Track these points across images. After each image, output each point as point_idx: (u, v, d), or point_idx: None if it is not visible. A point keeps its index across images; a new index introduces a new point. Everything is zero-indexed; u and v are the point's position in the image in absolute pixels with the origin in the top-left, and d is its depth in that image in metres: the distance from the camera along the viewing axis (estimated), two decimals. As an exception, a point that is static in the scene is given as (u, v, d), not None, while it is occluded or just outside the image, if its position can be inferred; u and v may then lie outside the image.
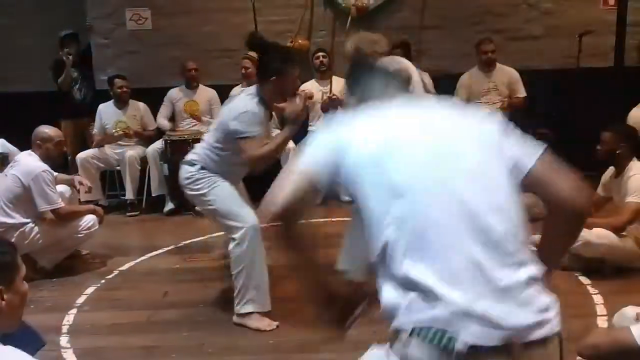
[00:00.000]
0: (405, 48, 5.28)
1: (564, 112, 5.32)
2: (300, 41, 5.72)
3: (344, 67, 5.43)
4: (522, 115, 4.98)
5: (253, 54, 5.20)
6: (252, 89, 3.13)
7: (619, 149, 3.59)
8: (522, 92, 5.31)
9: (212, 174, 3.10)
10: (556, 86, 5.43)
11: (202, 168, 3.11)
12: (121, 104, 5.49)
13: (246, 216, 3.06)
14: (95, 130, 5.51)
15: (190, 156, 3.21)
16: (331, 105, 5.28)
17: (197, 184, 3.11)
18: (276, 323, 3.10)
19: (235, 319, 3.13)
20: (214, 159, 3.10)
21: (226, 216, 3.09)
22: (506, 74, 5.32)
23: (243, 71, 5.37)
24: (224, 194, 3.09)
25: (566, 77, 5.49)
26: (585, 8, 5.68)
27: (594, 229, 3.46)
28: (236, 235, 3.03)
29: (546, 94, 5.34)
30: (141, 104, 5.60)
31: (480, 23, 5.71)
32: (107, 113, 5.49)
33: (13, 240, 3.67)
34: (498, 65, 5.33)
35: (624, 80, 5.27)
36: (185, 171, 3.16)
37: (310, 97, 5.30)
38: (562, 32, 5.65)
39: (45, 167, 3.80)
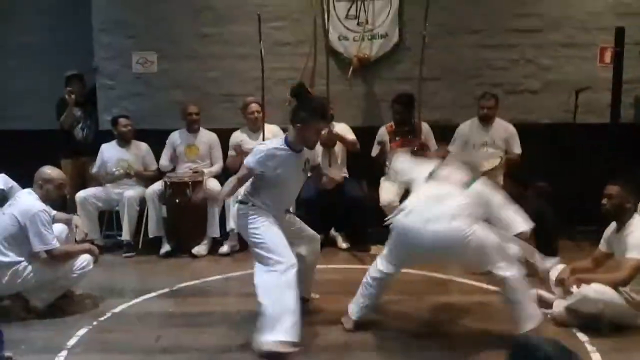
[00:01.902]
0: (409, 100, 5.37)
1: (561, 166, 5.38)
2: (302, 88, 5.82)
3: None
4: (519, 169, 5.03)
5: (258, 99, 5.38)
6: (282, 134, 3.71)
7: (628, 203, 3.61)
8: (517, 149, 5.36)
9: (259, 210, 3.43)
10: (553, 140, 5.50)
11: (252, 205, 3.44)
12: (124, 142, 5.54)
13: (288, 254, 3.32)
14: (95, 169, 5.53)
15: (240, 196, 3.59)
16: (329, 139, 5.33)
17: (247, 219, 3.43)
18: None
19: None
20: (254, 193, 3.47)
21: (271, 251, 3.31)
22: (503, 129, 5.39)
23: (255, 115, 5.42)
24: (272, 231, 3.38)
25: (563, 131, 5.58)
26: (582, 65, 5.81)
27: (593, 284, 3.45)
28: (276, 267, 3.26)
29: (544, 148, 5.41)
30: (143, 144, 5.65)
31: (480, 76, 5.84)
32: (109, 152, 5.53)
33: (6, 279, 3.67)
34: (497, 119, 5.41)
35: (620, 136, 5.34)
36: (237, 208, 3.53)
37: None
38: (560, 88, 5.77)
39: (43, 206, 3.80)
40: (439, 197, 3.31)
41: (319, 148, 3.71)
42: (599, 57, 5.83)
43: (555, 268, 3.96)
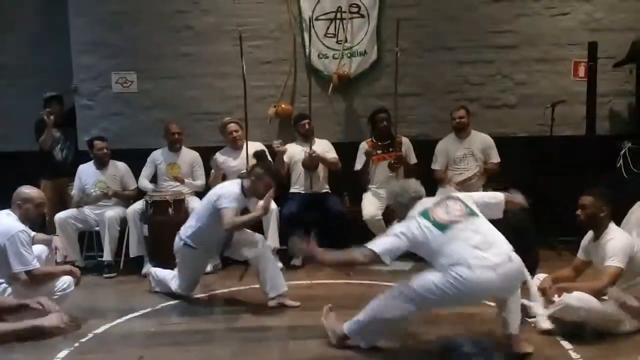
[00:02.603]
0: (387, 112, 5.44)
1: (539, 178, 5.46)
2: (283, 106, 5.86)
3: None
4: (496, 181, 5.11)
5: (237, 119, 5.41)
6: (237, 180, 4.33)
7: (602, 213, 3.67)
8: (496, 158, 5.46)
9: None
10: (530, 153, 5.60)
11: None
12: (101, 164, 5.49)
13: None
14: (74, 191, 5.47)
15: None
16: (312, 161, 5.35)
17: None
18: None
19: None
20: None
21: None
22: (480, 140, 5.48)
23: (234, 135, 5.43)
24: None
25: (540, 144, 5.68)
26: (556, 79, 5.95)
27: (574, 293, 3.49)
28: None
29: (520, 161, 5.50)
30: (121, 164, 5.60)
31: (457, 91, 5.94)
32: (86, 173, 5.47)
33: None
34: (473, 131, 5.51)
35: (595, 148, 5.46)
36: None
37: (284, 151, 5.34)
38: (535, 102, 5.90)
39: (23, 227, 3.75)
40: (482, 236, 3.22)
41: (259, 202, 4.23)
42: (573, 72, 5.97)
43: (537, 277, 4.01)
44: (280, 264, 5.17)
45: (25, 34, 6.25)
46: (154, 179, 5.63)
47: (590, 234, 3.82)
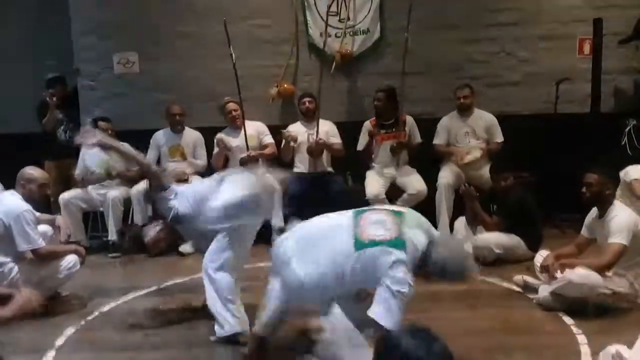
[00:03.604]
0: (390, 93, 5.40)
1: (543, 157, 5.44)
2: (285, 85, 5.83)
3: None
4: (501, 160, 5.09)
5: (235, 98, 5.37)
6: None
7: (607, 190, 3.66)
8: (499, 137, 5.43)
9: None
10: (535, 131, 5.57)
11: None
12: (105, 146, 5.49)
13: None
14: (77, 171, 5.49)
15: None
16: (317, 148, 5.35)
17: None
18: None
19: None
20: None
21: None
22: (484, 118, 5.45)
23: (233, 114, 5.41)
24: None
25: (544, 122, 5.64)
26: (561, 56, 5.89)
27: (577, 269, 3.50)
28: None
29: (525, 139, 5.47)
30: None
31: (461, 70, 5.89)
32: (90, 154, 5.46)
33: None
34: (476, 110, 5.48)
35: (600, 126, 5.42)
36: None
37: (295, 139, 5.37)
38: (540, 80, 5.85)
39: (27, 206, 3.77)
40: None
41: None
42: (577, 49, 5.91)
43: (540, 254, 4.02)
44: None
45: (26, 15, 6.23)
46: (157, 161, 5.62)
47: (594, 211, 3.81)
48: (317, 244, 2.77)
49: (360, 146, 5.51)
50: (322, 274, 2.70)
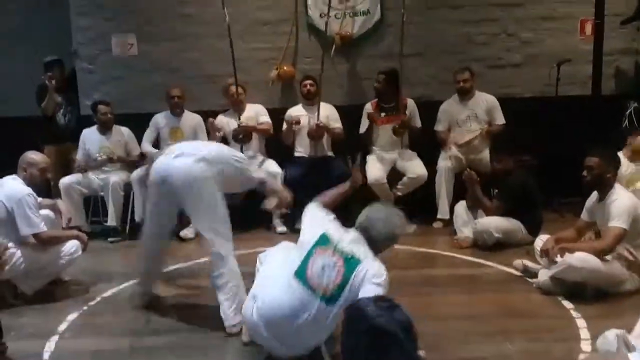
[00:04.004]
0: (391, 76, 5.35)
1: (543, 139, 5.43)
2: (285, 68, 5.79)
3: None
4: (502, 142, 5.08)
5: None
6: None
7: (608, 174, 3.66)
8: (500, 120, 5.40)
9: None
10: (536, 113, 5.55)
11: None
12: (105, 129, 5.49)
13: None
14: (78, 156, 5.48)
15: None
16: (318, 132, 5.33)
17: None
18: None
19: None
20: None
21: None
22: (485, 101, 5.41)
23: (235, 97, 5.38)
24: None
25: (545, 104, 5.62)
26: (562, 38, 5.84)
27: (576, 253, 3.51)
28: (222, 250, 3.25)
29: (526, 121, 5.45)
30: (125, 130, 5.59)
31: (461, 52, 5.84)
32: (91, 138, 5.47)
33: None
34: (477, 92, 5.44)
35: (601, 108, 5.40)
36: None
37: (298, 122, 5.34)
38: (541, 61, 5.81)
39: (29, 190, 3.77)
40: None
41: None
42: (579, 30, 5.86)
43: (540, 238, 4.03)
44: (284, 228, 5.23)
45: (24, -2, 6.17)
46: (156, 144, 5.61)
47: (594, 194, 3.81)
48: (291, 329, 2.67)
49: (362, 128, 5.49)
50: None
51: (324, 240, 2.78)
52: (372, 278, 2.57)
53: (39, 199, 3.96)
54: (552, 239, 3.83)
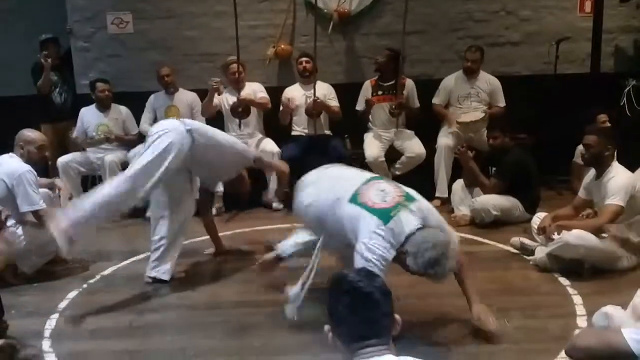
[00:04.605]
0: (394, 56, 5.30)
1: (541, 118, 5.42)
2: (282, 46, 5.74)
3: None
4: (499, 120, 5.07)
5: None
6: None
7: (606, 151, 3.66)
8: (501, 102, 5.38)
9: None
10: (534, 92, 5.53)
11: None
12: (103, 107, 5.46)
13: None
14: (75, 134, 5.46)
15: None
16: (316, 107, 5.31)
17: None
18: None
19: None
20: None
21: None
22: (488, 82, 5.38)
23: (235, 75, 5.35)
24: None
25: (543, 83, 5.60)
26: (562, 15, 5.80)
27: (573, 231, 3.53)
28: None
29: (524, 100, 5.44)
30: (123, 108, 5.56)
31: (461, 29, 5.80)
32: (89, 116, 5.45)
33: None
34: (482, 72, 5.40)
35: (600, 86, 5.38)
36: None
37: (293, 107, 5.29)
38: (540, 39, 5.77)
39: (29, 167, 3.77)
40: None
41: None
42: (579, 7, 5.82)
43: (537, 216, 4.05)
44: (281, 205, 5.23)
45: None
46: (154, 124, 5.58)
47: (592, 172, 3.82)
48: (329, 182, 3.04)
49: (359, 106, 5.47)
50: (318, 210, 2.96)
51: (377, 177, 3.00)
52: (367, 248, 2.61)
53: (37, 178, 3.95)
54: (549, 216, 3.85)
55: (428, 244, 2.56)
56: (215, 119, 5.25)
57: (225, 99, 5.42)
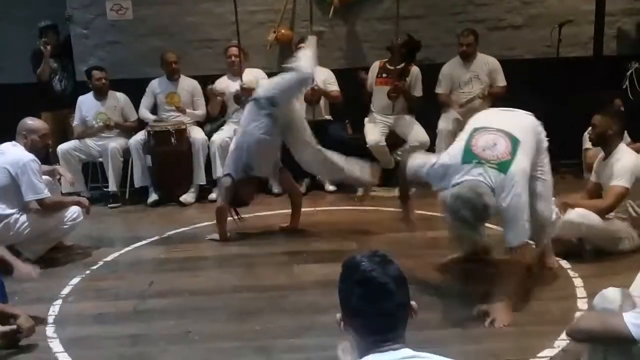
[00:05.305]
0: (411, 45, 5.26)
1: (544, 101, 5.38)
2: (283, 31, 5.70)
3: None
4: (502, 105, 5.03)
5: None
6: None
7: (610, 130, 3.65)
8: (502, 82, 5.36)
9: None
10: (536, 75, 5.49)
11: None
12: (100, 95, 5.43)
13: None
14: (75, 122, 5.45)
15: None
16: (314, 95, 5.29)
17: None
18: None
19: None
20: None
21: None
22: (486, 63, 5.35)
23: (232, 59, 5.33)
24: None
25: (546, 66, 5.56)
26: (564, -3, 5.75)
27: (576, 209, 3.52)
28: None
29: (526, 83, 5.40)
30: (121, 95, 5.54)
31: (462, 13, 5.76)
32: (87, 105, 5.43)
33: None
34: (479, 54, 5.37)
35: (602, 69, 5.35)
36: None
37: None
38: (542, 22, 5.72)
39: (33, 156, 3.78)
40: None
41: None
42: (581, -11, 5.77)
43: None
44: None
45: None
46: (154, 110, 5.58)
47: (601, 154, 3.81)
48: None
49: (369, 87, 5.44)
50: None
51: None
52: None
53: (39, 165, 3.95)
54: (558, 201, 3.79)
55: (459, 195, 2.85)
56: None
57: (227, 86, 5.40)
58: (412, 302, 1.48)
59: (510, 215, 2.94)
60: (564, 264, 3.53)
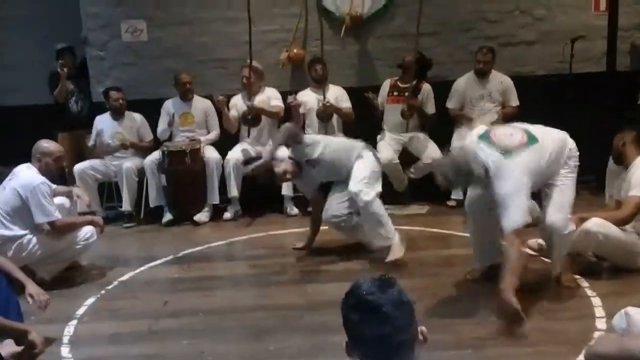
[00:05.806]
0: (423, 62, 5.30)
1: (557, 117, 5.34)
2: (295, 51, 5.75)
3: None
4: (515, 121, 5.01)
5: (254, 63, 5.28)
6: None
7: (621, 143, 3.72)
8: (514, 101, 5.34)
9: None
10: (549, 91, 5.47)
11: None
12: (117, 115, 5.51)
13: None
14: (92, 142, 5.52)
15: None
16: (326, 112, 5.31)
17: None
18: None
19: None
20: None
21: None
22: (500, 81, 5.35)
23: (244, 80, 5.38)
24: None
25: (559, 82, 5.53)
26: (576, 14, 5.74)
27: (593, 219, 3.48)
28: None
29: (539, 99, 5.38)
30: (137, 115, 5.61)
31: (474, 29, 5.77)
32: (104, 124, 5.49)
33: (11, 252, 3.68)
34: (493, 72, 5.37)
35: (616, 85, 5.31)
36: None
37: (299, 105, 5.22)
38: (555, 38, 5.71)
39: (43, 179, 3.81)
40: None
41: None
42: (593, 5, 5.76)
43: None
44: (296, 210, 5.24)
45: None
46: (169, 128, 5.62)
47: (621, 170, 3.80)
48: None
49: (381, 106, 5.46)
50: None
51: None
52: None
53: (54, 186, 4.00)
54: (574, 217, 3.73)
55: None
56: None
57: (237, 104, 5.44)
58: (422, 328, 1.43)
59: (500, 200, 3.06)
60: (582, 282, 3.48)
